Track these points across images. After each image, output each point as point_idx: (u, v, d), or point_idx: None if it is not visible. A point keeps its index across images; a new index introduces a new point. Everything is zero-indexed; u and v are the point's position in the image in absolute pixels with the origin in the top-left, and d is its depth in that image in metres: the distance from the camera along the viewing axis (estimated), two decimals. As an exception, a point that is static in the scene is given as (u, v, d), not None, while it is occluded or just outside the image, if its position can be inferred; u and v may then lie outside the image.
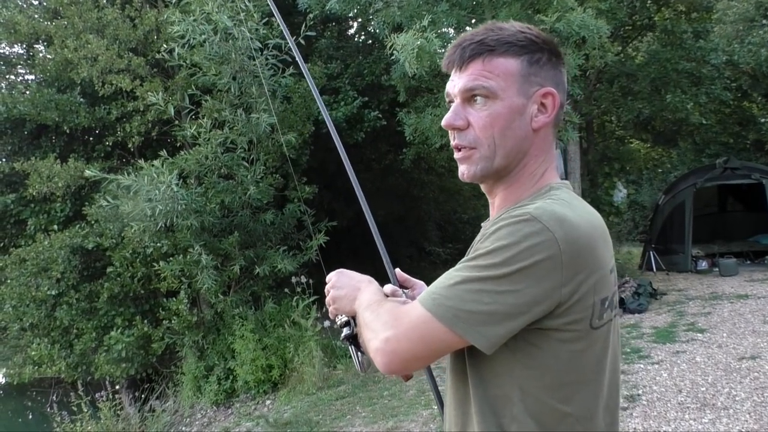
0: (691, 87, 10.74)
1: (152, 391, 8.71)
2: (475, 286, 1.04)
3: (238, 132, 7.89)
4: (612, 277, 1.14)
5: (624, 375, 5.72)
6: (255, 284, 8.56)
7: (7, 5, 9.67)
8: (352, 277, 1.40)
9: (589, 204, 1.20)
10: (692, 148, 16.19)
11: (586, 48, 7.63)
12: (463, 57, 1.18)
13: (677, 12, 11.70)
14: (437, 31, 7.08)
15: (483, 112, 1.16)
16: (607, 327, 1.13)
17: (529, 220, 1.03)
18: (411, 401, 6.10)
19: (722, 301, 8.29)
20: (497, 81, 1.15)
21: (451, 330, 1.04)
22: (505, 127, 1.16)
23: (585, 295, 1.05)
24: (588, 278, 1.05)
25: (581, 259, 1.04)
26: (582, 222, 1.07)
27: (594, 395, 1.12)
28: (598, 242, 1.09)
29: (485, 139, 1.17)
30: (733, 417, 4.54)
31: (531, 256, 1.01)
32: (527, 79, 1.16)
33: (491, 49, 1.16)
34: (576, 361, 1.08)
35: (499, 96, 1.15)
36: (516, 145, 1.17)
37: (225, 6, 7.51)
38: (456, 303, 1.04)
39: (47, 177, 8.30)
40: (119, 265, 8.33)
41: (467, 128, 1.18)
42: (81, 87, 9.05)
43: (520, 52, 1.16)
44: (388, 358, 1.11)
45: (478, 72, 1.16)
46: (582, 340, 1.08)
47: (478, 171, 1.19)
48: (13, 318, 8.85)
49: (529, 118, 1.17)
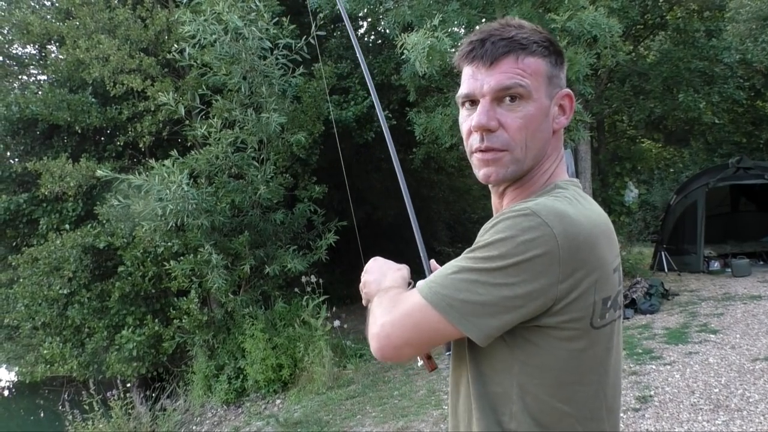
0: (704, 86, 10.66)
1: (163, 390, 8.76)
2: (471, 276, 1.04)
3: (249, 132, 7.91)
4: (616, 276, 1.11)
5: (636, 376, 5.68)
6: (265, 284, 8.58)
7: (20, 6, 9.73)
8: (382, 264, 1.42)
9: (599, 203, 1.19)
10: (704, 147, 16.07)
11: (597, 47, 7.58)
12: (495, 53, 1.12)
13: (689, 11, 11.61)
14: (448, 30, 7.05)
15: (517, 113, 1.12)
16: (610, 327, 1.11)
17: (528, 215, 1.02)
18: (421, 401, 6.09)
19: (735, 302, 8.22)
20: (531, 80, 1.12)
21: (445, 318, 1.04)
22: (536, 129, 1.14)
23: (585, 293, 1.03)
24: (588, 276, 1.03)
25: (580, 256, 1.02)
26: (583, 219, 1.06)
27: (596, 396, 1.11)
28: (599, 240, 1.07)
29: (518, 142, 1.13)
30: (747, 419, 4.49)
31: (528, 251, 1.00)
32: (551, 80, 1.16)
33: (524, 47, 1.12)
34: (576, 361, 1.07)
35: (533, 97, 1.12)
36: (542, 148, 1.17)
37: (235, 6, 7.53)
38: (450, 292, 1.04)
39: (59, 177, 8.35)
40: (130, 264, 8.37)
41: (498, 129, 1.13)
42: (93, 87, 9.11)
43: (545, 53, 1.15)
44: (381, 343, 1.12)
45: (512, 70, 1.11)
46: (581, 339, 1.06)
47: (509, 174, 1.15)
48: (26, 317, 8.92)
49: (552, 120, 1.17)
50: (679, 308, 8.30)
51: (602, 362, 1.11)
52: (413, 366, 7.20)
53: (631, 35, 11.52)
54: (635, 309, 8.36)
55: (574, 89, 7.84)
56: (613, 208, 11.35)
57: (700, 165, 14.93)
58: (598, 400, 1.11)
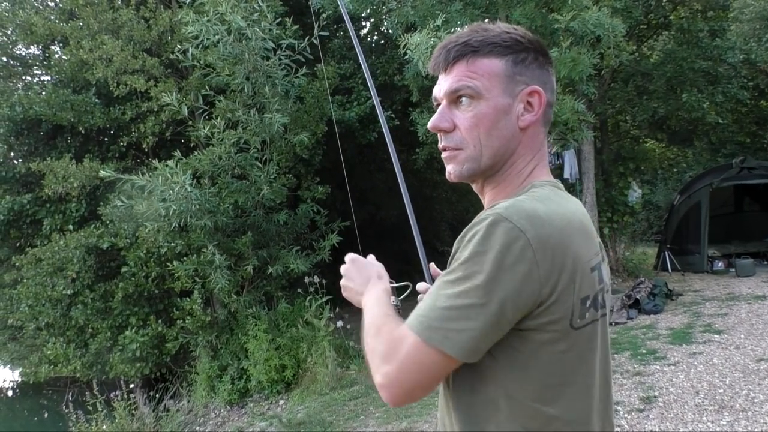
0: (708, 86, 10.63)
1: (166, 390, 8.77)
2: (457, 302, 1.02)
3: (252, 132, 7.91)
4: (595, 275, 1.11)
5: (640, 376, 5.67)
6: (268, 284, 8.58)
7: (24, 7, 9.75)
8: (361, 270, 1.40)
9: (603, 203, 1.19)
10: (708, 147, 16.02)
11: (601, 47, 7.57)
12: (448, 59, 1.18)
13: (693, 10, 11.56)
14: (451, 30, 7.05)
15: (468, 113, 1.16)
16: (592, 327, 1.11)
17: (499, 221, 1.02)
18: (425, 402, 6.07)
19: (739, 302, 8.20)
20: (481, 81, 1.15)
21: (443, 351, 1.02)
22: (490, 127, 1.16)
23: (563, 295, 1.03)
24: (564, 276, 1.03)
25: (556, 257, 1.02)
26: (555, 217, 1.05)
27: (582, 398, 1.11)
28: (573, 238, 1.06)
29: (471, 140, 1.17)
30: (752, 419, 4.48)
31: (505, 261, 0.99)
32: (512, 78, 1.16)
33: (475, 50, 1.16)
34: (558, 363, 1.06)
35: (484, 96, 1.15)
36: (503, 145, 1.17)
37: (238, 6, 7.53)
38: (443, 323, 1.02)
39: (63, 177, 8.36)
40: (133, 264, 8.37)
41: (453, 130, 1.19)
42: (96, 87, 9.11)
43: (505, 52, 1.16)
44: (391, 393, 1.09)
45: (462, 73, 1.16)
46: (562, 341, 1.06)
47: (464, 171, 1.19)
48: (29, 317, 8.93)
49: (516, 117, 1.17)
50: (683, 308, 8.28)
51: (586, 362, 1.11)
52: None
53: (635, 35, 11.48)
54: (639, 309, 8.35)
55: (577, 89, 7.85)
56: (617, 208, 11.30)
57: (704, 165, 14.90)
58: (585, 402, 1.11)
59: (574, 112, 7.27)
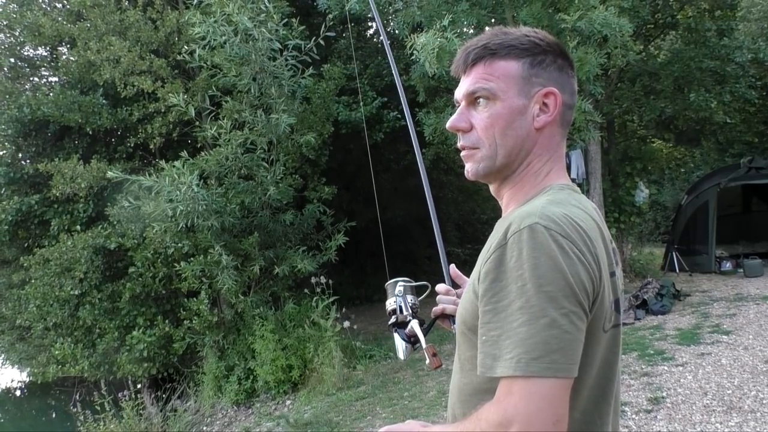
0: (715, 85, 10.58)
1: (173, 390, 8.79)
2: (540, 323, 0.96)
3: (258, 133, 7.92)
4: (614, 280, 1.13)
5: (647, 377, 5.65)
6: (275, 284, 8.60)
7: (32, 8, 9.78)
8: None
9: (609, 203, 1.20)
10: (716, 147, 15.95)
11: (608, 46, 7.54)
12: (467, 61, 1.23)
13: (701, 10, 11.51)
14: (457, 30, 7.04)
15: (484, 113, 1.20)
16: (615, 331, 1.13)
17: (537, 229, 1.01)
18: (431, 402, 6.08)
19: (747, 303, 8.15)
20: (497, 83, 1.18)
21: (556, 377, 0.96)
22: (505, 126, 1.19)
23: (603, 293, 1.05)
24: (603, 275, 1.06)
25: (594, 257, 1.04)
26: (580, 219, 1.07)
27: (604, 400, 1.13)
28: (597, 241, 1.09)
29: (487, 139, 1.20)
30: (761, 420, 4.45)
31: (559, 264, 0.98)
32: (528, 80, 1.19)
33: (493, 52, 1.20)
34: (588, 367, 1.07)
35: (499, 97, 1.18)
36: (517, 144, 1.20)
37: (245, 7, 7.54)
38: (542, 350, 0.95)
39: (70, 178, 8.39)
40: (141, 265, 8.40)
41: (471, 130, 1.23)
42: (103, 88, 9.14)
43: (522, 54, 1.19)
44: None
45: (479, 75, 1.20)
46: (595, 344, 1.07)
47: (481, 169, 1.23)
48: (37, 317, 8.97)
49: (531, 117, 1.19)
50: (690, 309, 8.24)
51: (610, 366, 1.13)
52: (423, 367, 7.19)
53: (642, 35, 11.44)
54: (646, 310, 8.31)
55: (584, 89, 7.83)
56: (624, 209, 11.26)
57: (712, 165, 14.83)
58: (606, 405, 1.13)
59: (581, 112, 7.26)
